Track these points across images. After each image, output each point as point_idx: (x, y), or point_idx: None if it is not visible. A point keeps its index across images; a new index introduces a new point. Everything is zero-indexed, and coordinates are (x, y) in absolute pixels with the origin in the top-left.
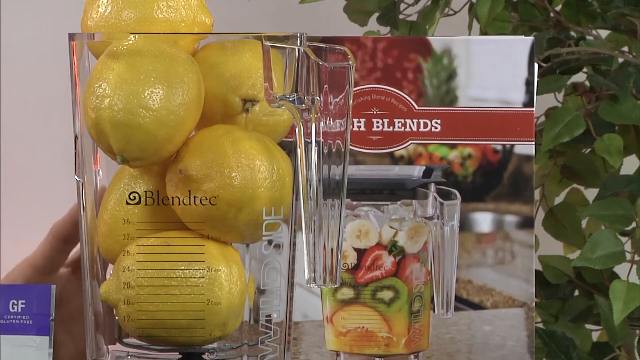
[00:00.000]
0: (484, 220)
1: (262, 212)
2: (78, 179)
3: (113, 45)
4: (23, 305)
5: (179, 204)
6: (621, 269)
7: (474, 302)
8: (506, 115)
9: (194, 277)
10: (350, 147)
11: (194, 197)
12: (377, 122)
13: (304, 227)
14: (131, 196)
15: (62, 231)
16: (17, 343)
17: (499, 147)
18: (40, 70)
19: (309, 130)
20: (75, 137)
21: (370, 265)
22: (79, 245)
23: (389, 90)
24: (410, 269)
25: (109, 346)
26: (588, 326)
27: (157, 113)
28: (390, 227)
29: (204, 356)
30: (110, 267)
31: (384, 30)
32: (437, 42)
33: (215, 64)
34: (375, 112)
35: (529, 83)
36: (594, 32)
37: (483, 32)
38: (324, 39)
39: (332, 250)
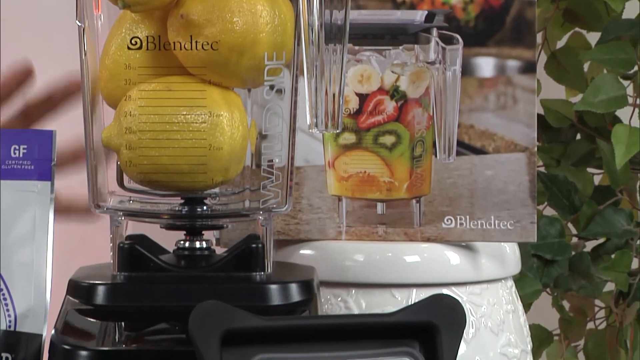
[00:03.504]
0: (486, 65)
1: (264, 57)
2: (79, 24)
3: None
4: (24, 151)
5: (181, 49)
6: (623, 113)
7: (475, 146)
8: None
9: (196, 122)
10: None
11: (196, 42)
12: None
13: (306, 72)
14: (133, 41)
15: None
16: (18, 188)
17: None
18: None
19: None
20: None
21: (372, 110)
22: None
23: None
24: (412, 113)
25: (111, 191)
26: (590, 170)
27: None
28: (392, 72)
29: (205, 201)
30: (112, 112)
31: None
32: None
33: None
34: None
35: None
36: None
37: None
38: None
39: (334, 95)
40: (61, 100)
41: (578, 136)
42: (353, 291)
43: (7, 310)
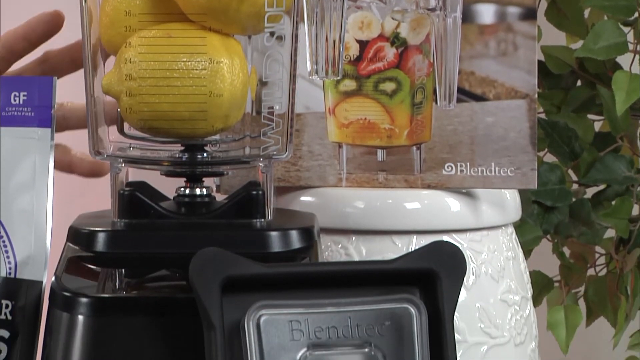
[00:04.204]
0: (486, 12)
1: (264, 3)
2: None
3: None
4: (25, 97)
5: None
6: (623, 60)
7: (476, 93)
8: None
9: (196, 69)
10: None
11: None
12: None
13: (306, 19)
14: None
15: (9, 42)
16: (18, 135)
17: None
18: None
19: None
20: None
21: (372, 57)
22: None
23: None
24: (413, 60)
25: (111, 138)
26: (590, 116)
27: None
28: (393, 18)
29: (206, 148)
30: (112, 59)
31: None
32: None
33: None
34: None
35: None
36: None
37: None
38: None
39: (334, 42)
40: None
41: (578, 82)
42: (353, 238)
43: (7, 257)
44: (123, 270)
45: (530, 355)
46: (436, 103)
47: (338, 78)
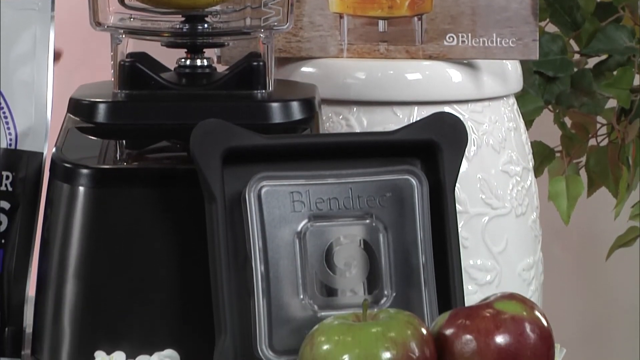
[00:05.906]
0: None
1: None
2: None
3: None
4: None
5: None
6: None
7: None
8: None
9: None
10: None
11: None
12: None
13: None
14: None
15: None
16: (19, 6)
17: None
18: None
19: None
20: None
21: None
22: None
23: None
24: None
25: (112, 9)
26: None
27: None
28: None
29: (206, 18)
30: None
31: None
32: None
33: None
34: None
35: None
36: None
37: None
38: None
39: None
40: None
41: None
42: (354, 109)
43: (8, 128)
44: (124, 141)
45: (532, 226)
46: None
47: None
